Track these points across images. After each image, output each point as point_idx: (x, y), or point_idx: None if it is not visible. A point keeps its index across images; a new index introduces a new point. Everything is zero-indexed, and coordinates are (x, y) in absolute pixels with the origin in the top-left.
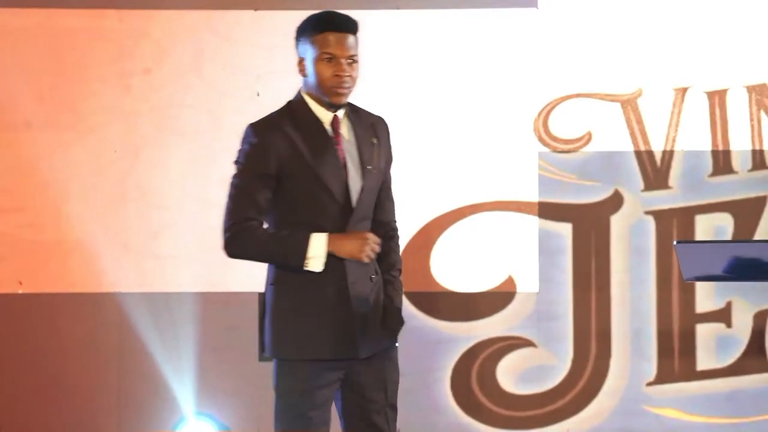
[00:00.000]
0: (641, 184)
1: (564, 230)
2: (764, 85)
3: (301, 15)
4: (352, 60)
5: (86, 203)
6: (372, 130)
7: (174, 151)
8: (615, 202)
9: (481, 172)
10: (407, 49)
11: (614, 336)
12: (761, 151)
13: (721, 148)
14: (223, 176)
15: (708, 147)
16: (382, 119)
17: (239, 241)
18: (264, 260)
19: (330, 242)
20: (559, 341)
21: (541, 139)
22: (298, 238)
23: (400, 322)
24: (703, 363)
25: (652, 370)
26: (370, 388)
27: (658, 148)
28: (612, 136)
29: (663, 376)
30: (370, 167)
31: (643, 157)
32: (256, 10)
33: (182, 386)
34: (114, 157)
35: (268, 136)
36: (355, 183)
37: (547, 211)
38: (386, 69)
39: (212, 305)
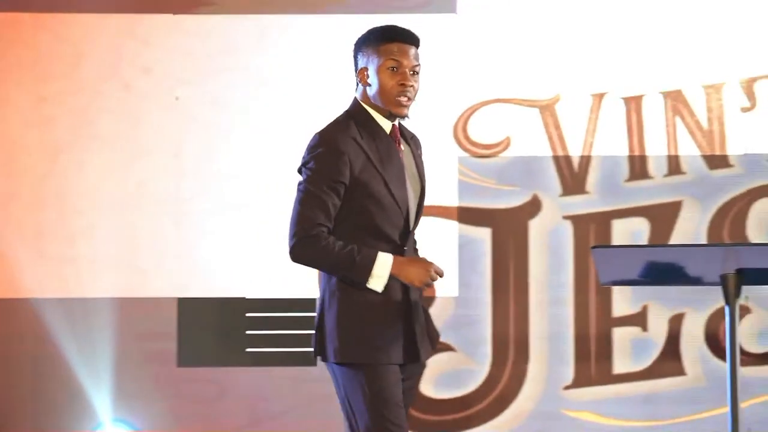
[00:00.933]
0: (559, 189)
1: (483, 235)
2: (680, 91)
3: (218, 19)
4: (415, 71)
5: (2, 208)
6: (414, 143)
7: (92, 155)
8: (533, 206)
9: None
10: (326, 54)
11: (532, 340)
12: (676, 157)
13: (637, 153)
14: (141, 180)
15: (625, 152)
16: (416, 136)
17: (307, 246)
18: (326, 269)
19: (394, 265)
20: (478, 345)
21: (460, 144)
22: (365, 255)
23: (438, 332)
24: (619, 366)
25: (569, 373)
26: (406, 393)
27: (575, 153)
28: (530, 142)
29: (580, 380)
30: (425, 177)
31: (561, 162)
32: (174, 14)
33: (99, 392)
34: (30, 162)
35: (341, 144)
36: (412, 193)
37: (467, 215)
38: (303, 75)
39: (130, 311)
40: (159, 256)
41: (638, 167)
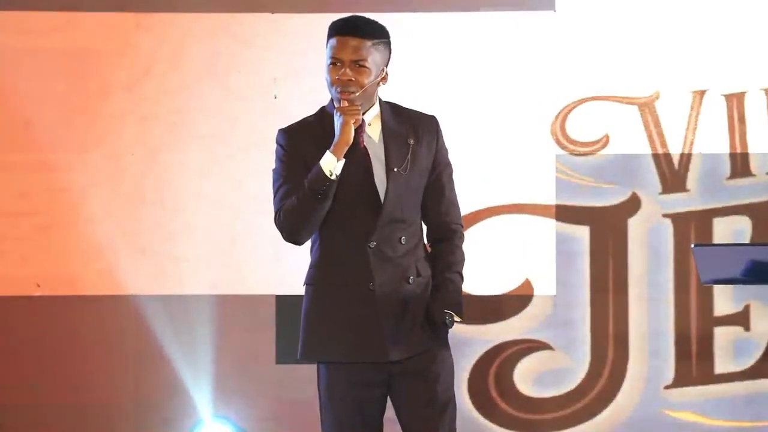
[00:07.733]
0: (659, 187)
1: (581, 233)
2: None
3: (317, 18)
4: (360, 64)
5: (104, 206)
6: (412, 129)
7: (190, 153)
8: (632, 205)
9: (498, 174)
10: (424, 52)
11: (632, 339)
12: None
13: (738, 150)
14: (237, 179)
15: (726, 150)
16: (429, 118)
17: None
18: (304, 213)
19: (334, 151)
20: (577, 344)
21: (558, 142)
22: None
23: (440, 321)
24: (721, 366)
25: (670, 373)
26: (407, 393)
27: (675, 150)
28: (630, 139)
29: (681, 380)
30: (396, 169)
31: (661, 160)
32: (272, 13)
33: (199, 389)
34: (131, 160)
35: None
36: (381, 184)
37: (565, 213)
38: (404, 72)
39: (229, 307)
40: (256, 253)
41: (740, 165)
